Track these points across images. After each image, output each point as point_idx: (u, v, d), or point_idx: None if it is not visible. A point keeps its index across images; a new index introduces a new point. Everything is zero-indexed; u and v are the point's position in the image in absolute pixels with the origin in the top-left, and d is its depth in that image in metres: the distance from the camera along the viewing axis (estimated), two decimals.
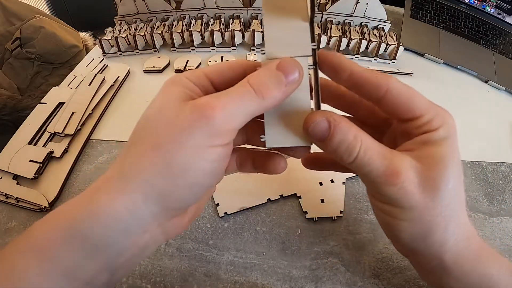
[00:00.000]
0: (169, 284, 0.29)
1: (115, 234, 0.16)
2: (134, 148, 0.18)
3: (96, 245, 0.16)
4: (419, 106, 0.19)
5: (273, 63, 0.18)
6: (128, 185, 0.16)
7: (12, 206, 0.35)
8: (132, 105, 0.47)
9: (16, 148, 0.39)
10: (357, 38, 0.54)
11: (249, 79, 0.18)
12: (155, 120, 0.18)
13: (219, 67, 0.20)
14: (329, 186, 0.36)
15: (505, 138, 0.45)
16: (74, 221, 0.16)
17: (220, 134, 0.17)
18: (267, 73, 0.18)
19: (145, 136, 0.17)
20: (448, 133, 0.19)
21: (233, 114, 0.17)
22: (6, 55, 0.97)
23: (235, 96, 0.17)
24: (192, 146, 0.16)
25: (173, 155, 0.16)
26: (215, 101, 0.17)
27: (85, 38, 1.13)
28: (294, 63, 0.18)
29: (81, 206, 0.17)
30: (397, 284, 0.29)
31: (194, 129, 0.16)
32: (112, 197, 0.16)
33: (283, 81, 0.18)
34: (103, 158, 0.39)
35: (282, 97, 0.18)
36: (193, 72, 0.20)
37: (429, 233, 0.20)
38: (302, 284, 0.29)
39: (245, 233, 0.32)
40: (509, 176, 0.40)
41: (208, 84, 0.20)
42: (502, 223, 0.35)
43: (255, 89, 0.17)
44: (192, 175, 0.17)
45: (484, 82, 0.55)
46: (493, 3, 0.66)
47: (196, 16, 0.59)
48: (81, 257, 0.16)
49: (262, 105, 0.18)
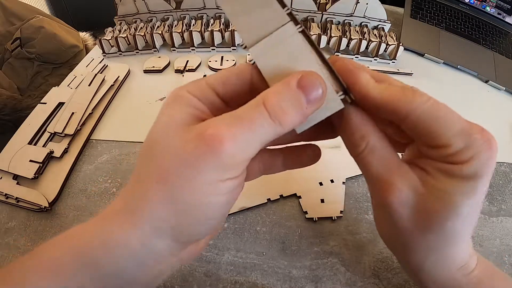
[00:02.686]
0: (169, 284, 0.29)
1: (128, 265, 0.16)
2: (140, 181, 0.16)
3: (108, 274, 0.16)
4: (447, 133, 0.15)
5: (292, 79, 0.16)
6: (139, 220, 0.16)
7: (12, 206, 0.35)
8: (132, 105, 0.47)
9: (16, 148, 0.39)
10: (357, 38, 0.54)
11: (265, 100, 0.15)
12: (159, 148, 0.16)
13: (223, 76, 0.18)
14: (329, 186, 0.36)
15: (505, 138, 0.45)
16: (87, 248, 0.16)
17: (231, 168, 0.15)
18: (286, 92, 0.15)
19: (150, 168, 0.16)
20: (477, 171, 0.15)
21: (245, 145, 0.15)
22: (6, 55, 0.97)
23: (247, 124, 0.15)
24: (201, 182, 0.15)
25: (180, 192, 0.15)
26: (224, 131, 0.14)
27: (85, 38, 1.13)
28: (316, 78, 0.16)
29: (94, 234, 0.16)
30: (397, 284, 0.29)
31: (201, 164, 0.15)
32: (125, 229, 0.16)
33: (304, 103, 0.15)
34: (103, 158, 0.39)
35: (302, 120, 0.16)
36: (196, 85, 0.18)
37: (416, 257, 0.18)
38: (302, 284, 0.29)
39: (245, 233, 0.32)
40: (509, 176, 0.40)
41: (213, 96, 0.18)
42: (502, 223, 0.35)
43: (270, 114, 0.15)
44: (203, 211, 0.16)
45: (484, 82, 0.55)
46: (493, 3, 0.66)
47: (196, 16, 0.59)
48: (92, 284, 0.16)
49: (278, 131, 0.15)
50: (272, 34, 0.17)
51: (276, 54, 0.17)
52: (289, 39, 0.17)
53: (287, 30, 0.17)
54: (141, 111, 0.46)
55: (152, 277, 0.17)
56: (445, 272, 0.19)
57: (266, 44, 0.17)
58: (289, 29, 0.17)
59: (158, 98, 0.48)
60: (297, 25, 0.17)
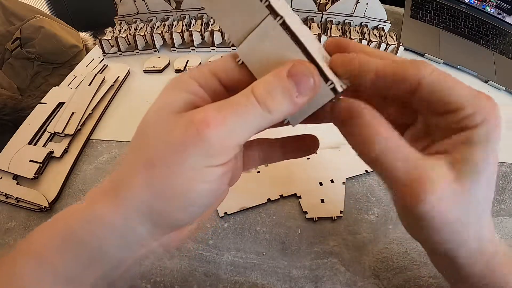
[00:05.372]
0: (169, 284, 0.29)
1: (110, 244, 0.16)
2: (128, 163, 0.17)
3: (92, 254, 0.16)
4: (457, 99, 0.15)
5: (283, 68, 0.15)
6: (123, 201, 0.16)
7: (12, 206, 0.35)
8: (132, 105, 0.47)
9: (16, 148, 0.39)
10: (357, 38, 0.54)
11: (253, 88, 0.15)
12: (150, 133, 0.16)
13: (226, 63, 0.18)
14: (329, 186, 0.36)
15: (505, 138, 0.45)
16: (70, 230, 0.16)
17: (218, 153, 0.15)
18: (275, 81, 0.15)
19: (139, 151, 0.16)
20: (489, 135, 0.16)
21: (233, 130, 0.15)
22: (6, 55, 0.97)
23: (235, 110, 0.15)
24: (186, 168, 0.15)
25: (166, 177, 0.15)
26: (212, 116, 0.15)
27: (85, 38, 1.13)
28: (307, 68, 0.15)
29: (78, 215, 0.16)
30: (397, 284, 0.29)
31: (188, 149, 0.15)
32: (109, 209, 0.16)
33: (294, 92, 0.15)
34: (103, 158, 0.39)
35: (294, 110, 0.16)
36: (199, 71, 0.18)
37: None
38: (302, 284, 0.29)
39: (245, 233, 0.32)
40: (509, 176, 0.40)
41: (216, 83, 0.18)
42: (502, 223, 0.35)
43: (259, 101, 0.15)
44: (188, 198, 0.16)
45: (484, 82, 0.55)
46: (493, 3, 0.66)
47: (196, 16, 0.59)
48: (76, 266, 0.16)
49: (268, 119, 0.15)
50: (256, 29, 0.17)
51: (262, 50, 0.17)
52: (271, 32, 0.16)
53: (268, 23, 0.16)
54: (141, 111, 0.45)
55: (134, 261, 0.17)
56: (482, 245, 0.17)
57: (251, 41, 0.17)
58: (270, 22, 0.16)
59: None
60: (276, 18, 0.16)
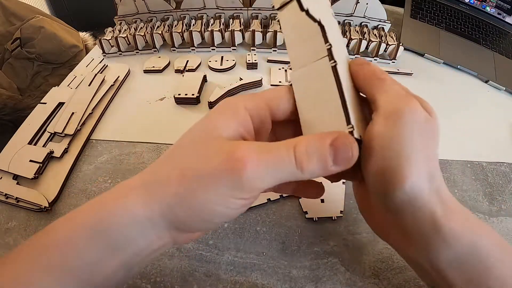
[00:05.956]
0: (169, 284, 0.29)
1: (135, 235, 0.18)
2: (164, 169, 0.18)
3: (118, 243, 0.17)
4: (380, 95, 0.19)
5: (328, 135, 0.17)
6: (151, 200, 0.18)
7: (12, 206, 0.35)
8: (132, 105, 0.47)
9: (16, 148, 0.39)
10: (357, 38, 0.54)
11: (296, 144, 0.17)
12: (191, 149, 0.18)
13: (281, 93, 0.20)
14: (329, 186, 0.35)
15: (505, 138, 0.45)
16: (100, 221, 0.18)
17: (245, 191, 0.17)
18: (317, 145, 0.17)
19: (177, 162, 0.18)
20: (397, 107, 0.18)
21: (264, 175, 0.17)
22: (6, 55, 0.97)
23: (273, 158, 0.17)
24: (214, 193, 0.17)
25: (195, 194, 0.17)
26: (251, 159, 0.16)
27: (85, 38, 1.13)
28: (350, 143, 0.17)
29: (106, 207, 0.18)
30: (397, 284, 0.29)
31: (220, 179, 0.16)
32: (136, 203, 0.18)
33: (329, 161, 0.17)
34: (103, 158, 0.39)
35: (323, 174, 0.17)
36: (253, 100, 0.19)
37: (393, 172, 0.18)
38: (302, 284, 0.29)
39: (245, 233, 0.32)
40: (509, 176, 0.40)
41: (266, 115, 0.20)
42: (502, 223, 0.35)
43: (296, 158, 0.16)
44: (208, 215, 0.18)
45: (484, 82, 0.55)
46: (493, 3, 0.66)
47: (196, 16, 0.59)
48: (103, 253, 0.17)
49: (298, 176, 0.17)
50: (312, 64, 0.19)
51: (309, 83, 0.19)
52: (321, 72, 0.19)
53: (323, 63, 0.19)
54: (141, 111, 0.46)
55: (152, 251, 0.19)
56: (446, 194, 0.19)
57: (304, 72, 0.20)
58: (324, 63, 0.19)
59: (158, 98, 0.48)
60: (331, 60, 0.18)
